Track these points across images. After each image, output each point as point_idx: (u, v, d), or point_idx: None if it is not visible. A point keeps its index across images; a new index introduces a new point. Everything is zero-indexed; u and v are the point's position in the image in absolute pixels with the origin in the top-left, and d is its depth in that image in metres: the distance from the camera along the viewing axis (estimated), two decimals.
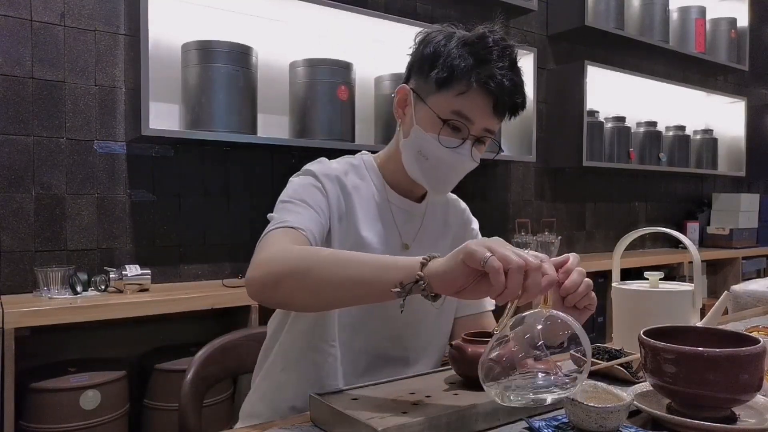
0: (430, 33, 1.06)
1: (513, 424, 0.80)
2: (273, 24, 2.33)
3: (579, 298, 0.93)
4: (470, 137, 1.03)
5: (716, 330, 0.90)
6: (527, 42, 3.15)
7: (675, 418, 0.76)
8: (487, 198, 3.07)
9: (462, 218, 1.24)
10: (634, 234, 1.23)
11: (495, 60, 0.99)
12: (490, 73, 0.98)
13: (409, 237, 1.13)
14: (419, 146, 1.05)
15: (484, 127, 1.03)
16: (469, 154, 1.04)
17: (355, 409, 0.76)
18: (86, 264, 2.00)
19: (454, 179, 1.08)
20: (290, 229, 0.96)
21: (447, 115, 1.01)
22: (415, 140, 1.05)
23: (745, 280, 2.59)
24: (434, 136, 1.02)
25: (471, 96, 1.00)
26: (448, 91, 1.00)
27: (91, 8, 2.01)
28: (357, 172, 1.12)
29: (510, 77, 1.00)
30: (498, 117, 1.03)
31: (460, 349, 0.87)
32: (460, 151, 1.03)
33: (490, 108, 1.00)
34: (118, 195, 2.07)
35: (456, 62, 0.99)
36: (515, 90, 1.01)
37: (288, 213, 1.00)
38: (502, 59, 1.00)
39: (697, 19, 3.76)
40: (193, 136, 2.00)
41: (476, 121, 1.01)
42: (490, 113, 1.01)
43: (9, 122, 1.89)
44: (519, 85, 1.02)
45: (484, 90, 0.99)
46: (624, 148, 3.43)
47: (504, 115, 1.03)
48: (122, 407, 1.78)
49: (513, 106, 1.03)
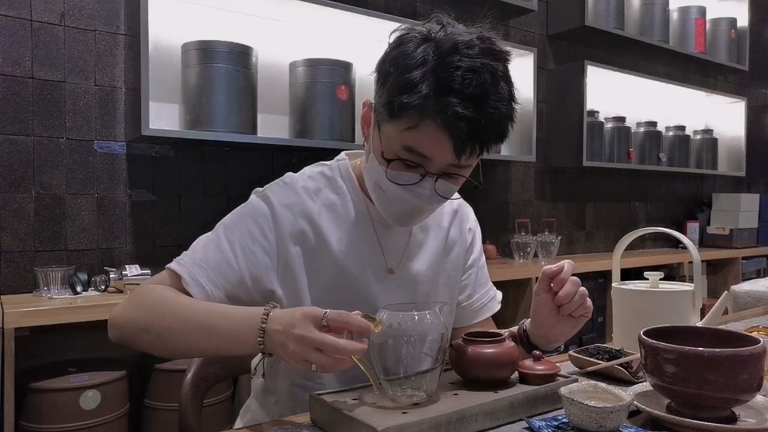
0: (405, 37, 0.88)
1: (513, 424, 0.80)
2: (273, 24, 2.33)
3: (574, 307, 0.94)
4: (429, 174, 0.87)
5: (716, 330, 0.90)
6: (527, 42, 3.15)
7: (675, 418, 0.76)
8: (487, 198, 3.07)
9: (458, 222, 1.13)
10: (634, 234, 1.23)
11: (456, 88, 0.80)
12: (444, 106, 0.80)
13: (394, 260, 1.02)
14: (375, 177, 0.92)
15: (447, 164, 0.86)
16: (431, 191, 0.88)
17: (355, 409, 0.76)
18: (86, 264, 2.00)
19: (419, 215, 0.95)
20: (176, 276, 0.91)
21: (397, 151, 0.86)
22: (371, 170, 0.92)
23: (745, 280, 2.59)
24: (384, 171, 0.88)
25: (424, 131, 0.83)
26: (399, 122, 0.84)
27: (91, 8, 2.01)
28: (332, 186, 1.00)
29: (471, 112, 0.80)
30: (463, 155, 0.84)
31: (460, 349, 0.87)
32: (419, 189, 0.88)
33: (450, 146, 0.83)
34: (118, 195, 2.07)
35: (409, 86, 0.81)
36: (478, 128, 0.82)
37: (196, 258, 0.93)
38: (466, 87, 0.80)
39: (697, 19, 3.76)
40: (193, 136, 2.00)
41: (434, 158, 0.85)
42: (449, 151, 0.83)
43: (9, 122, 1.89)
44: (488, 121, 0.82)
45: (438, 127, 0.81)
46: (624, 148, 3.43)
47: (473, 152, 0.85)
48: (122, 407, 1.78)
49: (480, 144, 0.84)
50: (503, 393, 0.82)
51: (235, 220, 0.97)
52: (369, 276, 0.99)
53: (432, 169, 0.87)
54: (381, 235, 1.00)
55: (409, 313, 0.80)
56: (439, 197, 0.90)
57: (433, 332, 0.79)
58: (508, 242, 2.99)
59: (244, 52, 2.08)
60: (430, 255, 1.07)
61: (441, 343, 0.79)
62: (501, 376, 0.87)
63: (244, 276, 0.93)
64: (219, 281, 0.92)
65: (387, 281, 1.01)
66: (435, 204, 0.92)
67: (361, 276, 0.98)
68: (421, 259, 1.05)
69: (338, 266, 0.97)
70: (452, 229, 1.12)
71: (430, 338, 0.79)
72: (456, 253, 1.12)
